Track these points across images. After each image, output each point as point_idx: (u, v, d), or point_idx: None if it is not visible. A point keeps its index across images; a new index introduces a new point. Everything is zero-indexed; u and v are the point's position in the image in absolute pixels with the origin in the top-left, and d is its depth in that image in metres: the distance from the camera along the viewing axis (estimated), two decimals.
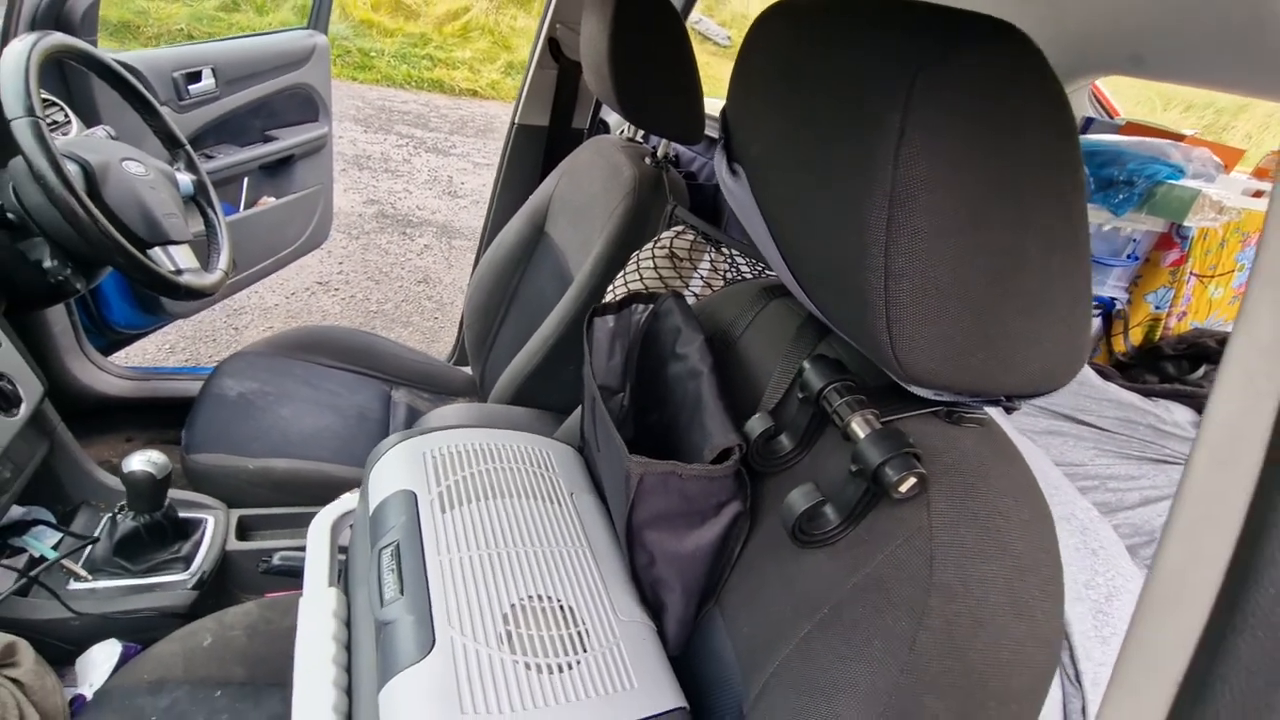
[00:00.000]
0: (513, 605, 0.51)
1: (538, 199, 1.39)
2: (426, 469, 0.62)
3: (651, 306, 0.66)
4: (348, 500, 0.72)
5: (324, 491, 1.08)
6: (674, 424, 0.58)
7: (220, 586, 0.97)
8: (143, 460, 0.92)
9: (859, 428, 0.44)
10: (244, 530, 1.03)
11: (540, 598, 0.53)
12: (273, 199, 1.98)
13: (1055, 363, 0.41)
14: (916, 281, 0.36)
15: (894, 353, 0.38)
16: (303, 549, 0.71)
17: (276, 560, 0.92)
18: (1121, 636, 0.35)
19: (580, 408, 0.81)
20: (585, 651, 0.50)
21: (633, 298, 0.65)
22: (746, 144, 0.49)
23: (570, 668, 0.49)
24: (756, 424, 0.50)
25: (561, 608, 0.53)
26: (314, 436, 1.19)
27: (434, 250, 3.20)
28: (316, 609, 0.61)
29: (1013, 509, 0.42)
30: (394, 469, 0.62)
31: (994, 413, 0.49)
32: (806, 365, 0.48)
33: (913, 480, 0.41)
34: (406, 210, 3.55)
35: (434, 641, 0.47)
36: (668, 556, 0.53)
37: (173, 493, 1.02)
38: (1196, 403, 1.24)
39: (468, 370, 1.61)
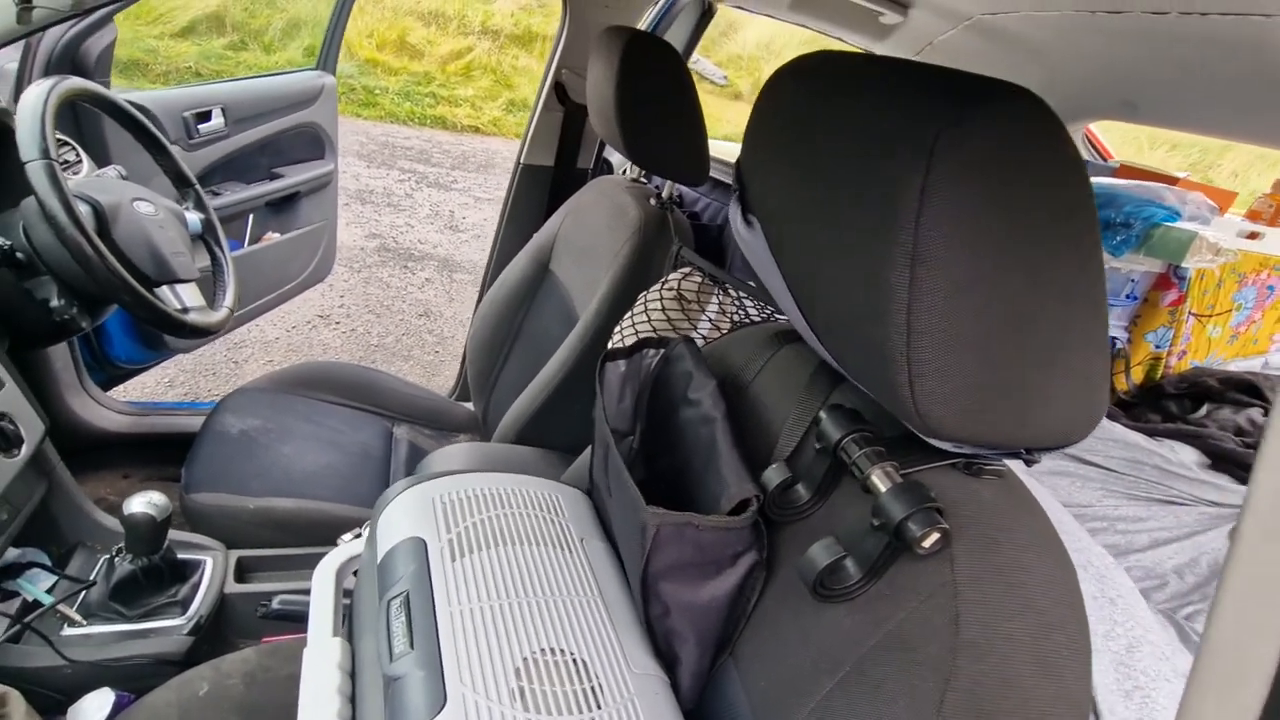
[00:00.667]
0: (525, 659, 0.50)
1: (543, 237, 1.40)
2: (436, 515, 0.61)
3: (662, 351, 0.66)
4: (353, 545, 0.71)
5: (326, 531, 1.07)
6: (686, 470, 0.57)
7: (217, 631, 0.94)
8: (143, 502, 0.91)
9: (879, 481, 0.43)
10: (242, 572, 1.02)
11: (553, 650, 0.52)
12: (277, 235, 1.99)
13: (1074, 414, 0.41)
14: (938, 338, 0.36)
15: (915, 407, 0.38)
16: (303, 592, 0.70)
17: (276, 604, 0.91)
18: (1144, 691, 0.34)
19: (589, 449, 0.81)
20: (600, 708, 0.49)
21: (643, 343, 0.66)
22: (762, 196, 0.50)
23: None
24: (773, 475, 0.50)
25: (574, 661, 0.52)
26: (316, 475, 1.18)
27: (435, 284, 3.22)
28: (321, 660, 0.60)
29: (1036, 563, 0.41)
30: (403, 514, 0.62)
31: (1011, 463, 0.49)
32: (823, 415, 0.48)
33: (936, 535, 0.40)
34: (408, 244, 3.58)
35: (445, 699, 0.46)
36: (682, 607, 0.52)
37: (171, 533, 1.01)
38: (1202, 443, 1.24)
39: (470, 406, 1.60)
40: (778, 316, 0.82)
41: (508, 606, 0.54)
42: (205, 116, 1.69)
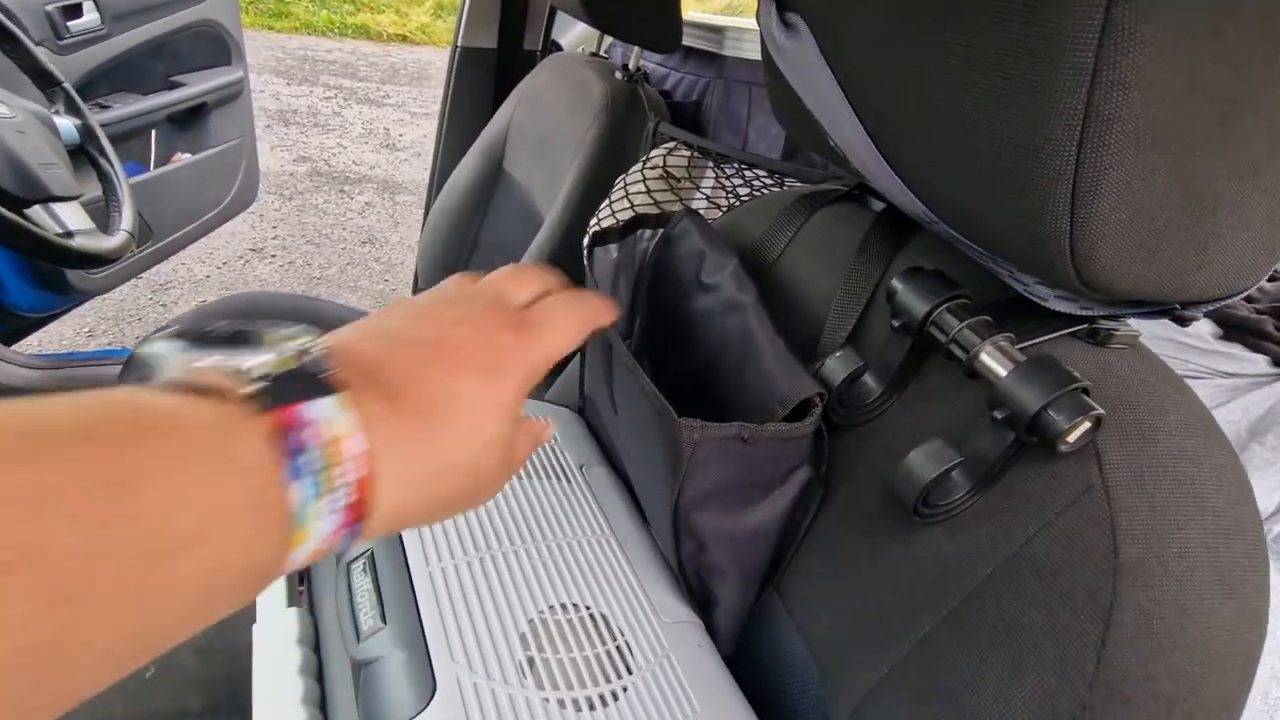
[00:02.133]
0: (531, 621, 0.40)
1: (492, 133, 1.23)
2: None
3: (661, 231, 0.53)
4: None
5: None
6: (713, 372, 0.45)
7: None
8: None
9: (994, 361, 0.32)
10: None
11: (565, 607, 0.41)
12: (188, 155, 1.75)
13: (1259, 248, 0.30)
14: (1125, 135, 0.24)
15: (1071, 244, 0.27)
16: None
17: None
18: None
19: (574, 361, 0.69)
20: (631, 673, 0.39)
21: (639, 220, 0.52)
22: None
23: (615, 698, 0.37)
24: (838, 366, 0.38)
25: (593, 617, 0.41)
26: None
27: (376, 208, 2.97)
28: (274, 637, 0.49)
29: (1202, 452, 0.32)
30: None
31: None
32: (898, 283, 0.37)
33: (1087, 425, 0.30)
34: (342, 167, 3.28)
35: (435, 685, 0.36)
36: (723, 539, 0.42)
37: None
38: (1216, 312, 1.18)
39: None
40: (789, 182, 0.69)
41: (501, 558, 0.43)
42: (74, 11, 1.42)
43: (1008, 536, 0.32)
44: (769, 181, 0.70)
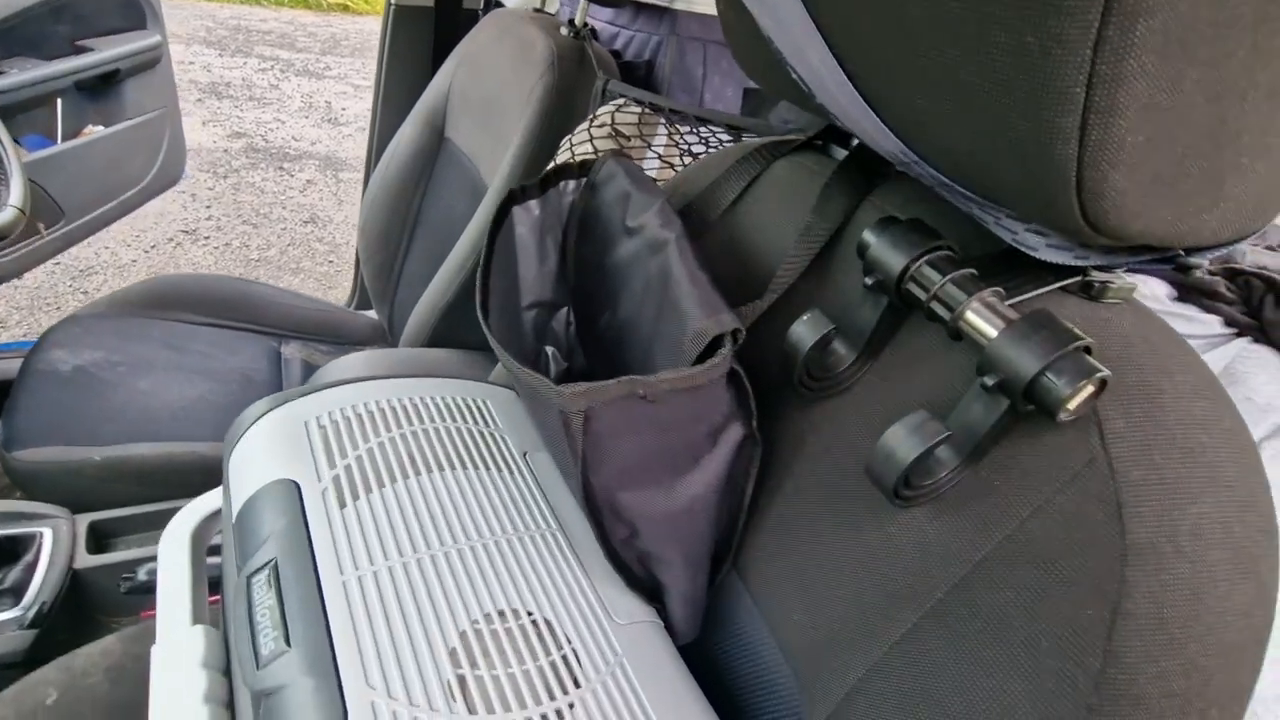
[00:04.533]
0: (463, 634, 0.35)
1: (431, 98, 1.15)
2: (313, 444, 0.43)
3: (584, 179, 0.47)
4: (210, 499, 0.53)
5: (202, 478, 0.87)
6: (635, 325, 0.40)
7: (73, 617, 0.75)
8: None
9: (982, 320, 0.28)
10: (100, 539, 0.81)
11: (503, 614, 0.36)
12: (100, 127, 1.61)
13: (1274, 185, 0.27)
14: (1151, 34, 0.20)
15: (1079, 169, 0.23)
16: None
17: (143, 574, 0.72)
18: None
19: None
20: (579, 686, 0.34)
21: (560, 171, 0.46)
22: None
23: (561, 717, 0.33)
24: (804, 330, 0.34)
25: (535, 624, 0.36)
26: (186, 412, 0.96)
27: (318, 186, 2.82)
28: (176, 659, 0.43)
29: (1211, 416, 0.28)
30: (263, 449, 0.43)
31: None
32: (870, 235, 0.32)
33: (1090, 390, 0.26)
34: (281, 142, 3.11)
35: (345, 715, 0.30)
36: (654, 520, 0.37)
37: None
38: (1168, 273, 1.18)
39: (372, 314, 1.37)
40: (747, 139, 0.64)
41: (429, 561, 0.37)
42: None
43: (1000, 518, 0.28)
44: (726, 139, 0.65)
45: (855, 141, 0.42)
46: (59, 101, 1.54)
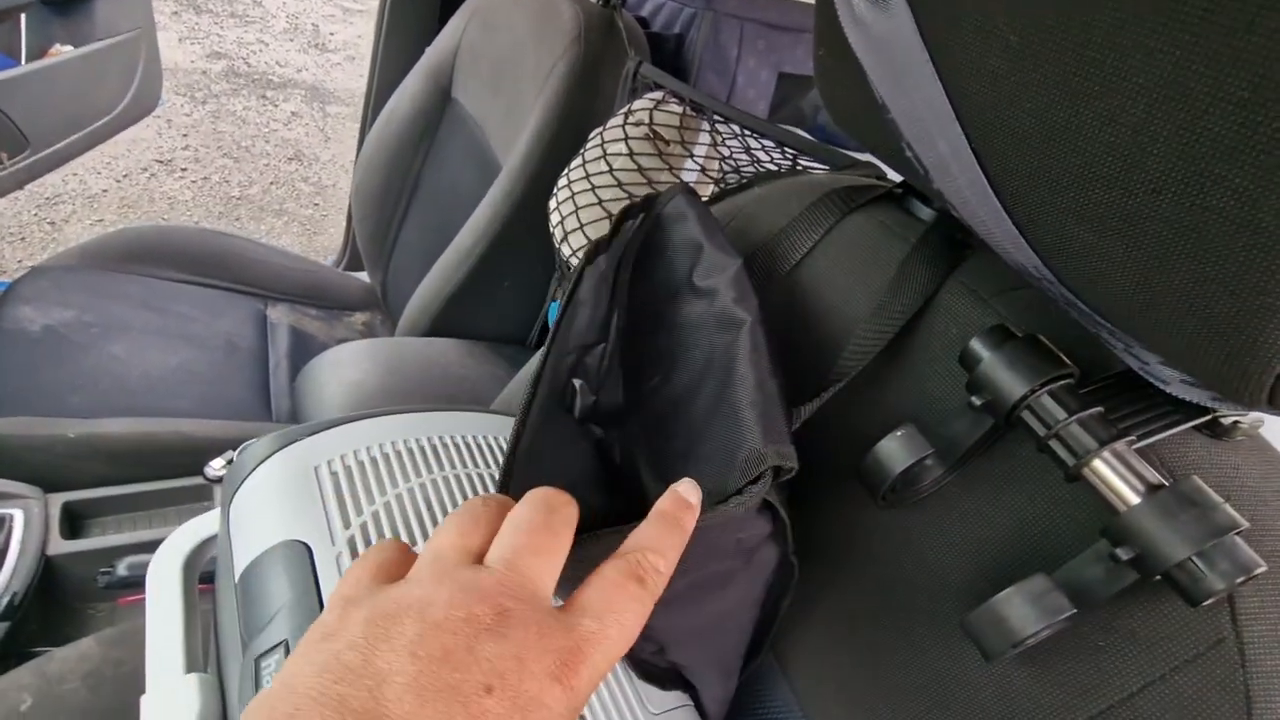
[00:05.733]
0: None
1: (438, 52, 1.06)
2: (324, 496, 0.39)
3: (642, 216, 0.43)
4: (204, 524, 0.49)
5: (185, 458, 0.82)
6: (692, 397, 0.37)
7: (46, 608, 0.71)
8: None
9: (1116, 478, 0.25)
10: (75, 521, 0.77)
11: None
12: (69, 48, 1.49)
13: None
14: None
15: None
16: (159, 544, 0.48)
17: (123, 569, 0.68)
18: None
19: (528, 365, 0.59)
20: None
21: (625, 213, 0.42)
22: None
23: None
24: (898, 450, 0.30)
25: None
26: (165, 382, 0.90)
27: (304, 119, 2.67)
28: (168, 713, 0.40)
29: None
30: (269, 501, 0.39)
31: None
32: (982, 348, 0.28)
33: (1237, 581, 0.23)
34: (264, 67, 2.93)
35: None
36: (684, 638, 0.35)
37: None
38: None
39: (363, 277, 1.31)
40: (808, 163, 0.59)
41: None
42: None
43: (1102, 686, 0.26)
44: (777, 155, 0.60)
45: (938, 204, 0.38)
46: (23, 17, 1.41)
